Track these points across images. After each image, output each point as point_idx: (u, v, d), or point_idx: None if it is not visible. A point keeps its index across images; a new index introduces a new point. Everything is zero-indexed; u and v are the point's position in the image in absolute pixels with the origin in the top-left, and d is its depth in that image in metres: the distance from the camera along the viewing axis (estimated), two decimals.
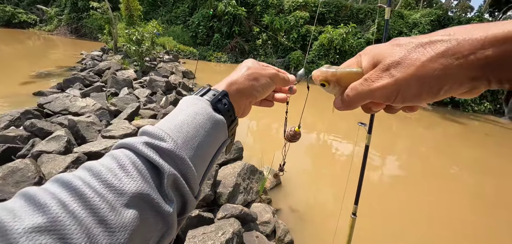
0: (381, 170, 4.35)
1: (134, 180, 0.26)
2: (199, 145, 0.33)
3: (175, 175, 0.29)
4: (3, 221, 0.19)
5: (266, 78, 0.44)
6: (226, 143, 0.39)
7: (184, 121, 0.33)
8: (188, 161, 0.30)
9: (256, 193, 2.67)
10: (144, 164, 0.28)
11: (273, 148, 3.94)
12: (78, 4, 18.93)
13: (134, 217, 0.24)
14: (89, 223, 0.22)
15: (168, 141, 0.30)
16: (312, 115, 7.11)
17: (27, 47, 12.94)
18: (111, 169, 0.26)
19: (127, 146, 0.29)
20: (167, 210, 0.27)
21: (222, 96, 0.38)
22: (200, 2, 17.85)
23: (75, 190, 0.23)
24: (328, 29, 13.43)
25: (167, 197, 0.28)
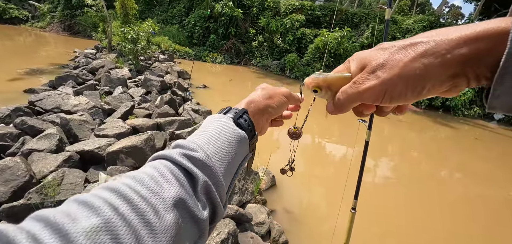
0: (374, 172, 4.41)
1: (173, 187, 0.28)
2: (225, 157, 0.35)
3: (208, 182, 0.31)
4: (63, 223, 0.20)
5: (280, 96, 0.48)
6: (248, 157, 0.42)
7: (212, 135, 0.36)
8: (217, 171, 0.33)
9: (251, 194, 2.67)
10: (181, 172, 0.30)
11: (269, 149, 3.94)
12: (72, 1, 18.61)
13: (175, 221, 0.26)
14: (137, 225, 0.24)
15: (199, 152, 0.32)
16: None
17: (17, 44, 12.64)
18: (153, 177, 0.28)
19: (165, 156, 0.32)
20: (202, 216, 0.30)
21: (242, 114, 0.42)
22: (197, 2, 17.79)
23: (123, 195, 0.25)
24: (323, 33, 13.57)
25: (201, 203, 0.31)
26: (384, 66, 0.29)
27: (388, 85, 0.28)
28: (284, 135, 5.43)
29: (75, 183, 2.13)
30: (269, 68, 14.85)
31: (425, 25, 12.83)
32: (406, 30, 13.30)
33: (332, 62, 13.30)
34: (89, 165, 2.46)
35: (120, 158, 2.47)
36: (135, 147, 2.53)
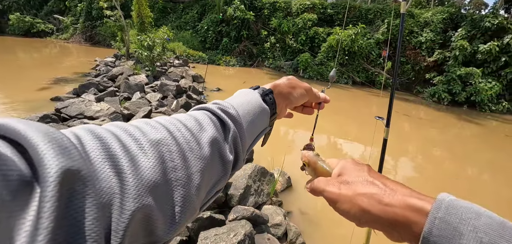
0: (394, 172, 4.25)
1: (211, 128, 0.35)
2: (252, 121, 0.41)
3: (236, 133, 0.37)
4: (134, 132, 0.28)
5: (302, 89, 0.54)
6: (266, 130, 0.48)
7: (243, 101, 0.43)
8: (244, 127, 0.39)
9: (267, 195, 2.67)
10: (217, 121, 0.37)
11: (283, 151, 3.92)
12: (92, 13, 19.59)
13: (210, 154, 0.33)
14: (185, 147, 0.30)
15: (232, 109, 0.39)
16: (321, 118, 7.04)
17: (44, 55, 13.49)
18: (197, 119, 0.35)
19: (205, 108, 0.39)
20: (228, 158, 0.36)
21: (269, 92, 0.48)
22: (209, 7, 18.11)
23: (175, 125, 0.32)
24: (336, 31, 13.32)
25: (229, 148, 0.36)
26: (347, 184, 0.36)
27: (340, 199, 0.36)
28: (298, 136, 5.40)
29: None
30: (282, 69, 14.79)
31: (445, 17, 12.24)
32: (424, 23, 12.77)
33: (347, 60, 13.02)
34: None
35: None
36: None
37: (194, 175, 0.30)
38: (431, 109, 9.70)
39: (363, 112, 7.99)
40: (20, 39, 19.14)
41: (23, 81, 7.28)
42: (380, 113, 1.53)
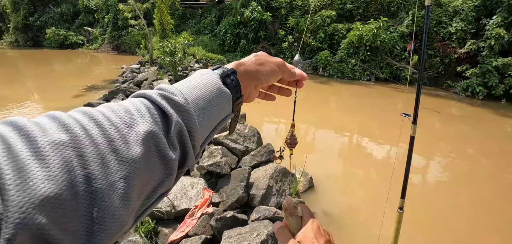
0: (423, 172, 4.03)
1: (146, 121, 0.29)
2: (206, 108, 0.36)
3: (181, 124, 0.32)
4: (34, 132, 0.21)
5: (272, 65, 0.47)
6: (230, 116, 0.42)
7: (195, 85, 0.36)
8: (194, 117, 0.33)
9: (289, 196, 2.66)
10: (157, 111, 0.31)
11: (305, 150, 3.88)
12: (118, 23, 20.78)
13: (143, 153, 0.27)
14: (104, 149, 0.24)
15: (179, 96, 0.33)
16: (342, 116, 6.86)
17: (77, 65, 14.56)
18: (128, 110, 0.29)
19: (144, 95, 0.33)
20: (171, 156, 0.30)
21: (231, 73, 0.42)
22: (226, 11, 18.41)
23: (95, 120, 0.26)
24: (357, 26, 12.89)
25: (172, 144, 0.31)
26: None
27: None
28: (320, 135, 5.31)
29: None
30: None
31: (478, 5, 11.33)
32: (453, 12, 11.93)
33: (369, 56, 12.54)
34: None
35: None
36: None
37: (118, 182, 0.24)
38: (464, 105, 9.04)
39: (388, 110, 7.65)
40: (55, 51, 20.85)
41: (61, 90, 7.92)
42: (407, 110, 1.47)
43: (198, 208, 2.14)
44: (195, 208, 2.13)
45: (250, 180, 2.57)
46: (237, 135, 3.20)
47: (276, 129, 5.58)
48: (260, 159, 2.95)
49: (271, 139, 4.76)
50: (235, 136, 3.17)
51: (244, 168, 2.58)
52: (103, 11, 23.13)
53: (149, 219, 1.92)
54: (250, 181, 2.55)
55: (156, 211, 1.97)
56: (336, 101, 8.67)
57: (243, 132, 3.26)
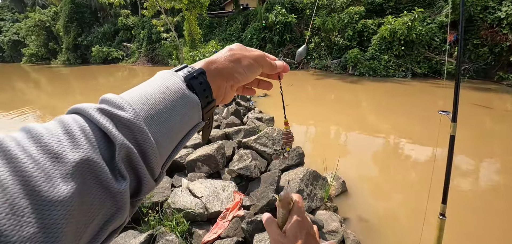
0: (471, 178, 3.61)
1: (80, 148, 0.22)
2: (166, 121, 0.29)
3: (129, 148, 0.25)
4: None
5: (249, 60, 0.41)
6: (199, 125, 0.36)
7: (152, 94, 0.30)
8: (148, 135, 0.27)
9: (321, 200, 2.58)
10: (95, 133, 0.24)
11: (336, 153, 3.74)
12: (152, 37, 22.38)
13: (75, 191, 0.21)
14: (15, 193, 0.18)
15: (127, 110, 0.26)
16: (376, 117, 6.49)
17: (117, 78, 15.94)
18: (54, 133, 0.22)
19: (79, 110, 0.26)
20: (117, 188, 0.24)
21: (198, 74, 0.35)
22: (251, 17, 18.71)
23: (6, 153, 0.19)
24: (388, 20, 12.15)
25: (119, 172, 0.25)
26: None
27: None
28: (353, 137, 5.10)
29: (164, 188, 2.51)
30: (329, 68, 14.20)
31: None
32: None
33: (403, 51, 11.73)
34: (174, 172, 2.85)
35: (197, 166, 2.78)
36: (209, 155, 2.81)
37: (36, 235, 0.18)
38: None
39: (426, 107, 7.04)
40: (100, 66, 23.13)
41: None
42: (448, 107, 1.33)
43: (230, 211, 2.18)
44: (226, 210, 2.18)
45: (280, 184, 2.55)
46: (266, 138, 3.21)
47: (305, 132, 5.48)
48: (290, 162, 2.91)
49: (300, 141, 4.68)
50: (264, 140, 3.18)
51: (274, 172, 2.57)
52: (139, 27, 25.10)
53: (184, 220, 2.01)
54: (280, 185, 2.54)
55: (191, 212, 2.06)
56: (368, 100, 8.23)
57: (272, 135, 3.26)
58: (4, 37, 42.19)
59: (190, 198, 2.24)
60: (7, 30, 43.44)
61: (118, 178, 0.25)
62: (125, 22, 26.27)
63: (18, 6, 49.36)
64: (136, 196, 0.28)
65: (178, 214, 2.03)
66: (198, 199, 2.23)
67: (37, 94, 11.71)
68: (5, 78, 18.68)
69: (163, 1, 11.30)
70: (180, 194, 2.28)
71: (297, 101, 7.85)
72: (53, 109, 8.27)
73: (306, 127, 5.79)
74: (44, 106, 8.83)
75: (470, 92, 8.25)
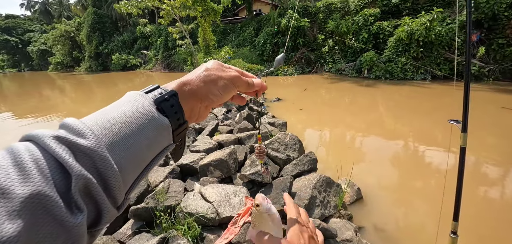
0: (496, 189, 3.38)
1: (30, 181, 0.21)
2: (131, 147, 0.28)
3: (87, 178, 0.24)
4: None
5: (225, 81, 0.40)
6: (170, 148, 0.35)
7: (117, 118, 0.29)
8: (111, 162, 0.25)
9: (334, 207, 2.51)
10: (49, 163, 0.23)
11: (351, 159, 3.64)
12: (168, 44, 23.11)
13: (22, 229, 0.19)
14: None
15: (88, 137, 0.25)
16: (393, 121, 6.27)
17: (136, 84, 16.53)
18: (2, 166, 0.21)
19: (33, 138, 0.24)
20: (72, 221, 0.22)
21: (169, 96, 0.34)
22: (264, 22, 18.83)
23: None
24: (405, 21, 11.78)
25: (76, 204, 0.23)
26: None
27: None
28: (368, 142, 4.94)
29: (177, 192, 2.55)
30: (343, 72, 13.95)
31: None
32: None
33: (422, 52, 11.31)
34: (187, 176, 2.90)
35: (210, 170, 2.80)
36: (221, 160, 2.83)
37: None
38: None
39: (447, 111, 6.71)
40: (119, 73, 24.15)
41: None
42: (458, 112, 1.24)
43: (241, 216, 2.17)
44: (238, 216, 2.17)
45: (293, 190, 2.51)
46: (278, 143, 3.18)
47: (319, 137, 5.39)
48: (302, 168, 2.87)
49: (313, 147, 4.60)
50: (276, 145, 3.16)
51: (286, 177, 2.54)
52: (156, 35, 26.01)
53: (195, 225, 2.02)
54: (292, 191, 2.50)
55: (202, 217, 2.07)
56: (385, 104, 7.97)
57: (284, 140, 3.23)
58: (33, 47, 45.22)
59: (202, 202, 2.26)
60: (36, 40, 46.56)
61: (74, 211, 0.23)
62: (143, 31, 27.36)
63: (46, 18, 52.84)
64: (95, 226, 0.26)
65: (190, 218, 2.05)
66: (209, 204, 2.24)
67: (62, 100, 12.39)
68: (34, 85, 19.99)
69: (179, 10, 11.66)
70: (192, 198, 2.30)
71: (311, 106, 7.75)
72: (77, 114, 8.69)
73: (319, 131, 5.70)
74: (69, 111, 9.32)
75: (496, 95, 7.77)
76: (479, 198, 3.08)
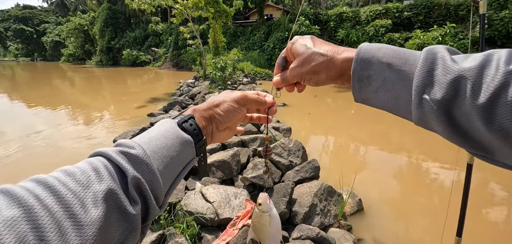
0: (497, 202, 3.29)
1: (104, 180, 0.29)
2: (166, 157, 0.36)
3: (139, 178, 0.31)
4: None
5: (229, 104, 0.48)
6: (194, 160, 0.43)
7: (154, 136, 0.38)
8: (153, 168, 0.33)
9: (334, 217, 2.49)
10: (115, 168, 0.31)
11: (353, 169, 3.61)
12: (179, 43, 23.41)
13: (102, 214, 0.26)
14: (60, 216, 0.24)
15: (136, 149, 0.33)
16: (400, 133, 6.18)
17: (144, 80, 16.76)
18: (85, 171, 0.29)
19: (101, 153, 0.33)
20: (131, 211, 0.30)
21: (188, 118, 0.44)
22: (274, 27, 18.90)
23: (49, 187, 0.25)
24: (417, 34, 11.67)
25: (133, 199, 0.31)
26: (303, 62, 0.45)
27: (303, 74, 0.46)
28: (373, 153, 4.88)
29: (178, 189, 2.57)
30: None
31: None
32: None
33: None
34: (189, 175, 2.91)
35: (212, 170, 2.82)
36: (223, 161, 2.84)
37: None
38: None
39: None
40: (128, 69, 24.54)
41: (128, 101, 9.22)
42: None
43: (240, 219, 2.17)
44: (237, 218, 2.18)
45: (293, 196, 2.50)
46: (282, 148, 3.18)
47: (323, 144, 5.35)
48: (305, 174, 2.85)
49: (316, 154, 4.58)
50: (279, 150, 3.16)
51: (288, 183, 2.53)
52: (167, 33, 26.37)
53: (194, 224, 2.03)
54: (293, 197, 2.49)
55: (201, 216, 2.08)
56: (391, 116, 7.84)
57: (288, 146, 3.23)
58: (47, 37, 46.38)
59: (202, 202, 2.27)
60: (50, 32, 47.74)
61: (132, 204, 0.31)
62: (154, 28, 27.77)
63: (61, 11, 54.21)
64: (144, 221, 0.33)
65: (189, 217, 2.06)
66: (209, 204, 2.25)
67: (71, 92, 12.66)
68: (45, 74, 20.46)
69: (191, 10, 11.81)
70: (193, 197, 2.32)
71: (316, 113, 7.72)
72: (86, 107, 8.86)
73: (323, 139, 5.67)
74: (78, 104, 9.50)
75: None
76: (483, 215, 3.01)
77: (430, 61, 0.34)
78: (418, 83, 0.34)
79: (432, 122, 0.34)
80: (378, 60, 0.39)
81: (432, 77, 0.34)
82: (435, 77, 0.33)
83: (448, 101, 0.32)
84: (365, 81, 0.41)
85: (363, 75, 0.40)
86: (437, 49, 0.35)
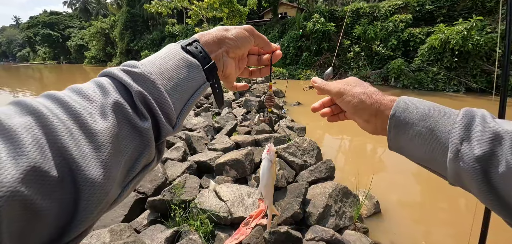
0: None
1: (111, 95, 0.29)
2: (172, 78, 0.36)
3: (143, 93, 0.31)
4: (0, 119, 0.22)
5: (239, 29, 0.46)
6: (206, 85, 0.41)
7: (157, 57, 0.37)
8: (158, 85, 0.33)
9: (350, 219, 2.42)
10: (119, 86, 0.32)
11: (371, 170, 3.49)
12: None
13: (111, 124, 0.28)
14: (71, 124, 0.25)
15: (140, 67, 0.33)
16: None
17: None
18: (91, 88, 0.30)
19: (107, 73, 0.33)
20: (142, 126, 0.30)
21: (192, 41, 0.42)
22: (289, 25, 18.73)
23: (59, 100, 0.27)
24: (440, 28, 11.08)
25: (142, 113, 0.31)
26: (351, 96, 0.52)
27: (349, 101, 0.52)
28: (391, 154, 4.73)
29: (193, 187, 2.61)
30: (368, 79, 13.44)
31: None
32: None
33: (456, 63, 10.57)
34: (203, 173, 2.96)
35: (226, 169, 2.84)
36: (237, 160, 2.85)
37: (91, 153, 0.25)
38: None
39: None
40: None
41: None
42: None
43: (253, 218, 2.17)
44: (250, 217, 2.18)
45: (307, 197, 2.46)
46: (296, 148, 3.14)
47: (338, 145, 5.24)
48: (319, 175, 2.80)
49: (332, 154, 4.48)
50: (293, 149, 3.12)
51: (301, 183, 2.49)
52: (183, 34, 26.92)
53: (208, 222, 2.06)
54: (307, 197, 2.45)
55: (214, 215, 2.10)
56: None
57: (302, 145, 3.18)
58: (72, 41, 49.00)
59: (215, 200, 2.29)
60: (74, 36, 50.42)
61: (141, 118, 0.31)
62: (171, 30, 28.49)
63: (84, 15, 57.03)
64: (158, 139, 0.34)
65: (203, 215, 2.09)
66: (223, 202, 2.27)
67: None
68: (71, 77, 21.59)
69: (206, 11, 11.98)
70: (206, 195, 2.35)
71: None
72: None
73: (339, 139, 5.54)
74: None
75: None
76: None
77: (469, 116, 0.35)
78: (455, 136, 0.35)
79: (467, 179, 0.34)
80: (417, 109, 0.41)
81: (470, 132, 0.34)
82: (473, 132, 0.34)
83: (486, 159, 0.31)
84: (402, 128, 0.42)
85: (400, 121, 0.42)
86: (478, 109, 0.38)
